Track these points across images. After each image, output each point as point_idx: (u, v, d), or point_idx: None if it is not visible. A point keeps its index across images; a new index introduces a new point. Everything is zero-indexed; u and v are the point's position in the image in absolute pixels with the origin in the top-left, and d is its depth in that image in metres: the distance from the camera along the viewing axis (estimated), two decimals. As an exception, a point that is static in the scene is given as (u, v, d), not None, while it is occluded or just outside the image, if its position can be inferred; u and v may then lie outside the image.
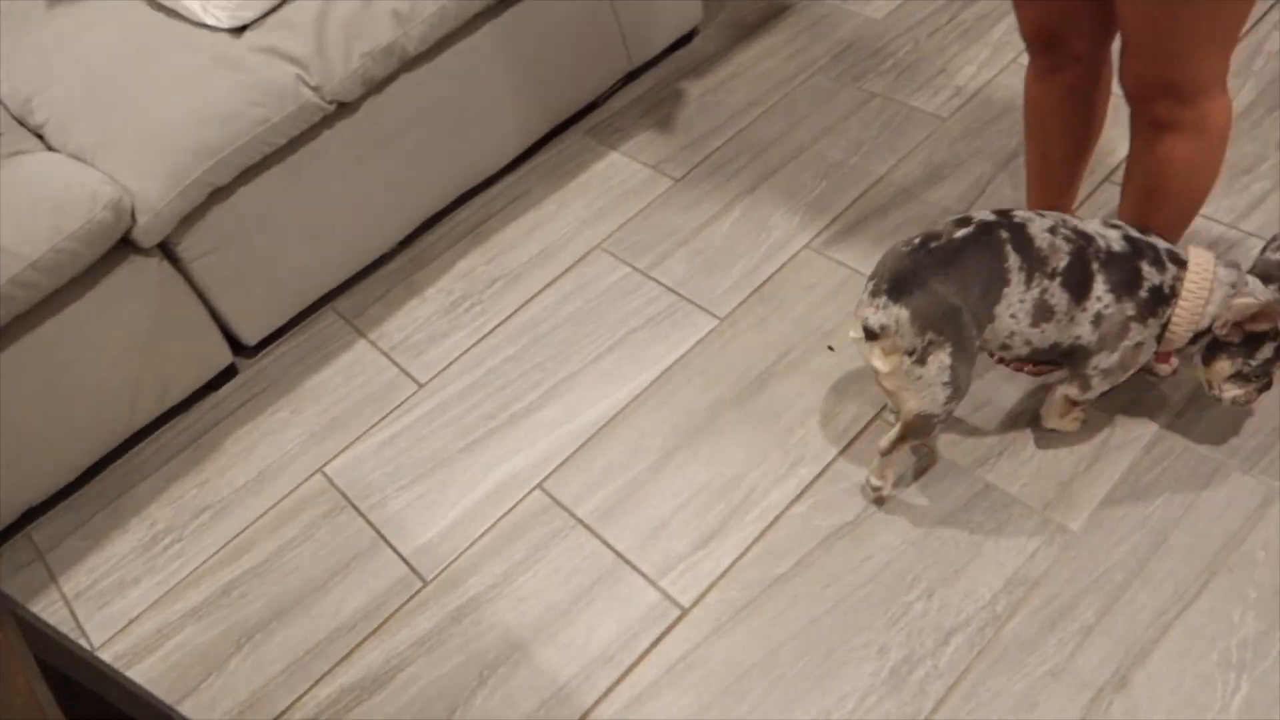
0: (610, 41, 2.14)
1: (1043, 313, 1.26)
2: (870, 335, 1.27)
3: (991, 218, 1.28)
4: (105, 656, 1.57)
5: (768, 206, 1.96)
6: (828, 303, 1.77)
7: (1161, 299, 1.27)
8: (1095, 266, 1.25)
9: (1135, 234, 1.29)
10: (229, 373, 1.91)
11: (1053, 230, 1.26)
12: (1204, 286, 1.26)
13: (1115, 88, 1.39)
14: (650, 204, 2.03)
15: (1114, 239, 1.27)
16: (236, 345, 1.92)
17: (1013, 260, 1.24)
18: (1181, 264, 1.28)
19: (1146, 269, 1.26)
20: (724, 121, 2.15)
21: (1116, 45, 1.30)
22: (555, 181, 2.13)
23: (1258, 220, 1.70)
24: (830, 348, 1.61)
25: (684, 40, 2.36)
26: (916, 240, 1.27)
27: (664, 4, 2.20)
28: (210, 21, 1.72)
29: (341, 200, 1.86)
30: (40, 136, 1.72)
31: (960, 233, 1.25)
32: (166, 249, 1.71)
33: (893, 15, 2.29)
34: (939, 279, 1.22)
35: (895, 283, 1.24)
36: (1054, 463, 1.48)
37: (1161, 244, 1.29)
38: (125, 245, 1.63)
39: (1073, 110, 1.46)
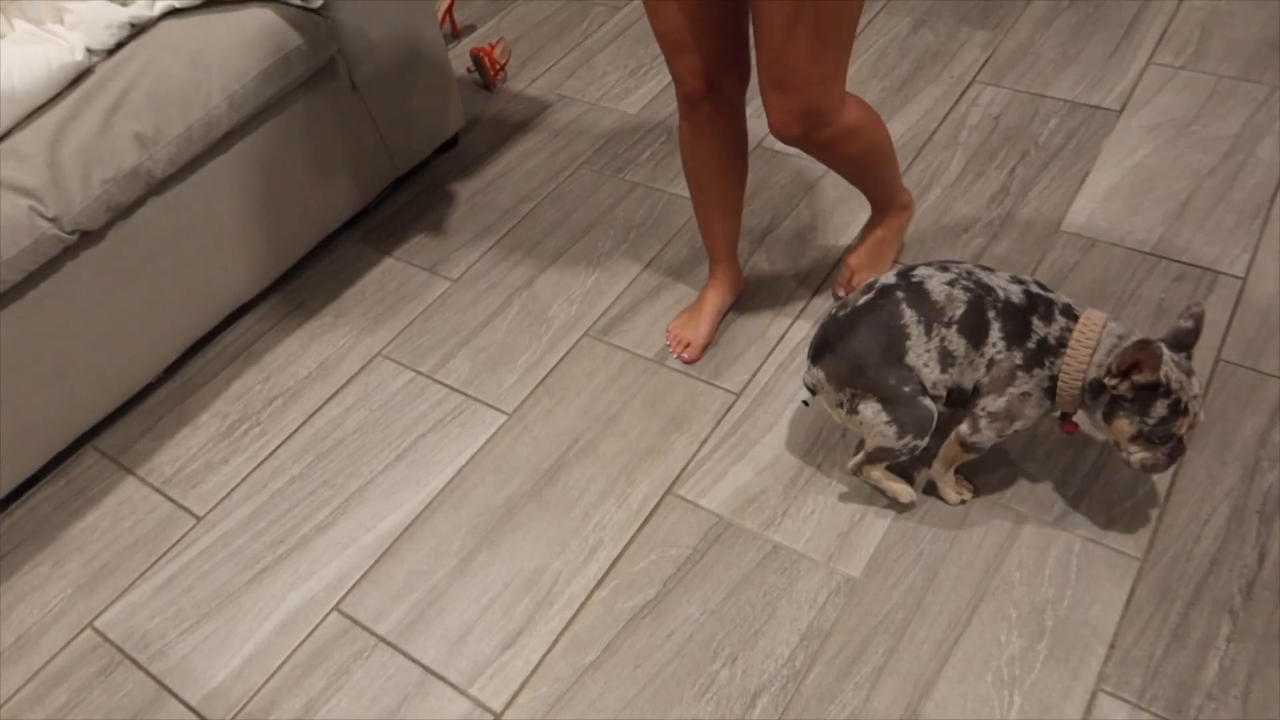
0: (373, 150, 2.16)
1: (946, 358, 1.37)
2: (811, 392, 1.50)
3: (892, 280, 1.41)
4: None
5: (546, 299, 2.00)
6: (610, 386, 1.82)
7: (1048, 350, 1.34)
8: (992, 315, 1.36)
9: (1036, 289, 1.38)
10: (-24, 531, 1.74)
11: (952, 283, 1.38)
12: (1091, 337, 1.32)
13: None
14: (429, 306, 2.03)
15: (1015, 293, 1.37)
16: (-17, 500, 1.75)
17: (909, 316, 1.37)
18: (1073, 317, 1.35)
19: (1036, 322, 1.35)
20: (496, 219, 2.20)
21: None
22: (330, 292, 2.10)
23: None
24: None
25: (450, 144, 2.40)
26: (832, 309, 1.47)
27: (425, 111, 2.24)
28: (-74, 157, 1.61)
29: (94, 332, 1.76)
30: None
31: (863, 299, 1.42)
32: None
33: (646, 109, 2.43)
34: (843, 342, 1.41)
35: (815, 348, 1.47)
36: (833, 516, 1.58)
37: (1060, 299, 1.37)
38: None
39: (730, 152, 1.67)
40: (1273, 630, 1.37)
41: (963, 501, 1.54)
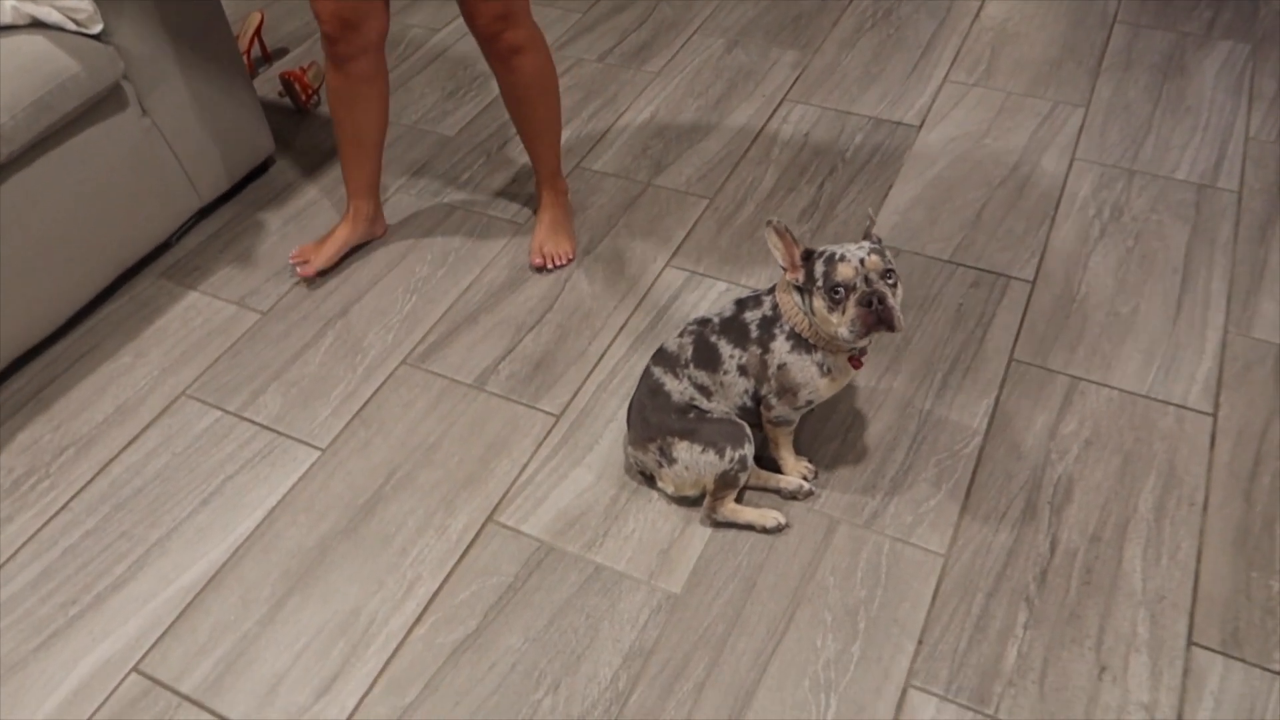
0: (173, 180, 2.05)
1: (704, 390, 1.52)
2: (645, 476, 1.64)
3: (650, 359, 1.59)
4: None
5: (361, 327, 1.94)
6: (429, 415, 1.78)
7: (771, 321, 1.47)
8: (714, 339, 1.51)
9: (745, 295, 1.54)
10: None
11: (681, 334, 1.55)
12: (784, 286, 1.46)
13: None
14: (237, 341, 1.94)
15: (726, 308, 1.53)
16: None
17: (658, 372, 1.55)
18: (772, 289, 1.49)
19: (747, 315, 1.50)
20: (309, 248, 2.12)
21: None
22: (129, 330, 1.97)
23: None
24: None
25: (259, 171, 2.31)
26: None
27: (229, 138, 2.15)
28: None
29: None
30: None
31: (642, 381, 1.59)
32: None
33: (464, 131, 2.40)
34: (630, 414, 1.61)
35: (628, 429, 1.62)
36: (653, 533, 1.58)
37: (763, 292, 1.52)
38: None
39: (370, 94, 1.88)
40: (1064, 615, 1.45)
41: (780, 526, 1.57)
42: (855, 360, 1.49)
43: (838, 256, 1.37)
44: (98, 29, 1.82)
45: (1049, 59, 2.52)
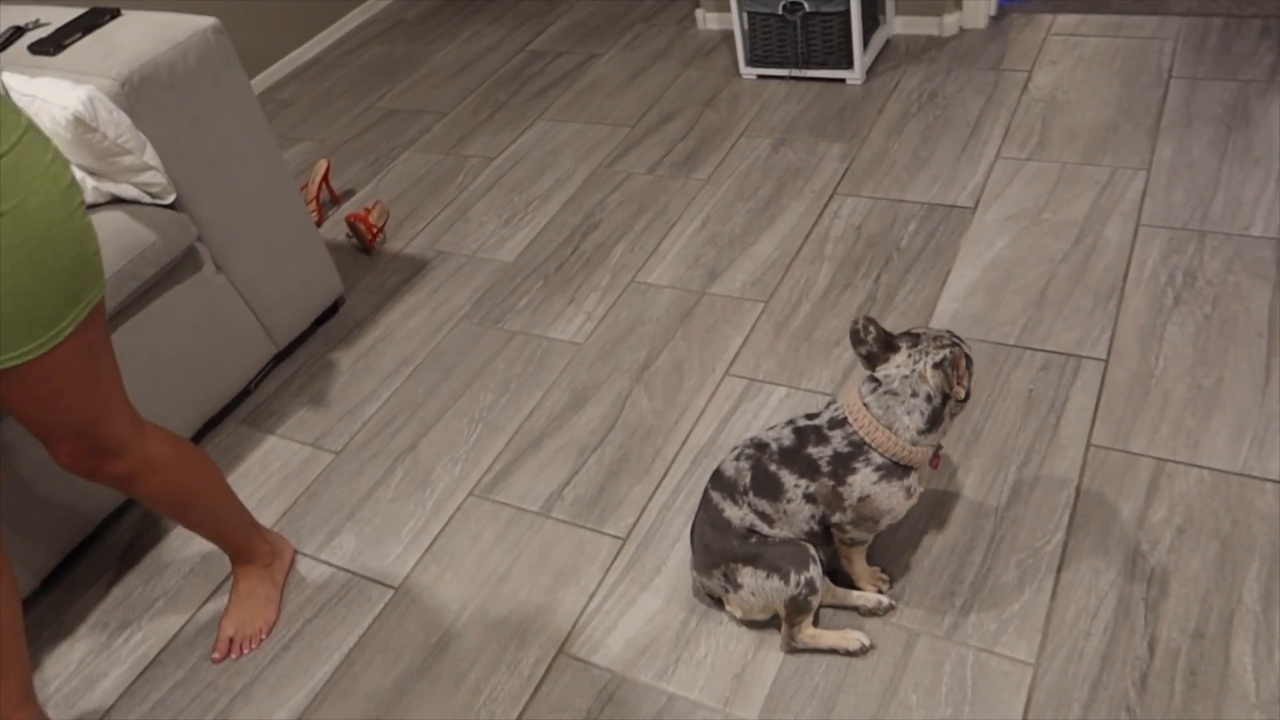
0: (248, 329, 2.15)
1: (765, 518, 1.46)
2: (715, 600, 1.60)
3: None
4: None
5: (429, 461, 1.98)
6: (496, 547, 1.79)
7: (848, 456, 1.40)
8: (774, 467, 1.44)
9: (802, 423, 1.46)
10: None
11: (738, 457, 1.49)
12: (861, 412, 1.38)
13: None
14: (313, 483, 2.00)
15: (785, 436, 1.46)
16: None
17: (716, 498, 1.50)
18: (842, 422, 1.41)
19: (812, 450, 1.42)
20: (378, 385, 2.19)
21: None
22: (212, 479, 2.05)
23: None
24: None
25: (330, 312, 2.41)
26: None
27: (300, 285, 2.25)
28: None
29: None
30: None
31: (701, 506, 1.54)
32: None
33: (522, 256, 2.46)
34: (695, 543, 1.55)
35: (692, 554, 1.59)
36: (726, 657, 1.54)
37: (823, 416, 1.45)
38: None
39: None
40: (1171, 722, 1.35)
41: (864, 649, 1.51)
42: (935, 460, 1.45)
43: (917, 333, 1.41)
44: (171, 198, 1.94)
45: (1104, 123, 2.47)
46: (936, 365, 1.35)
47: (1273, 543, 1.53)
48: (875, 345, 1.39)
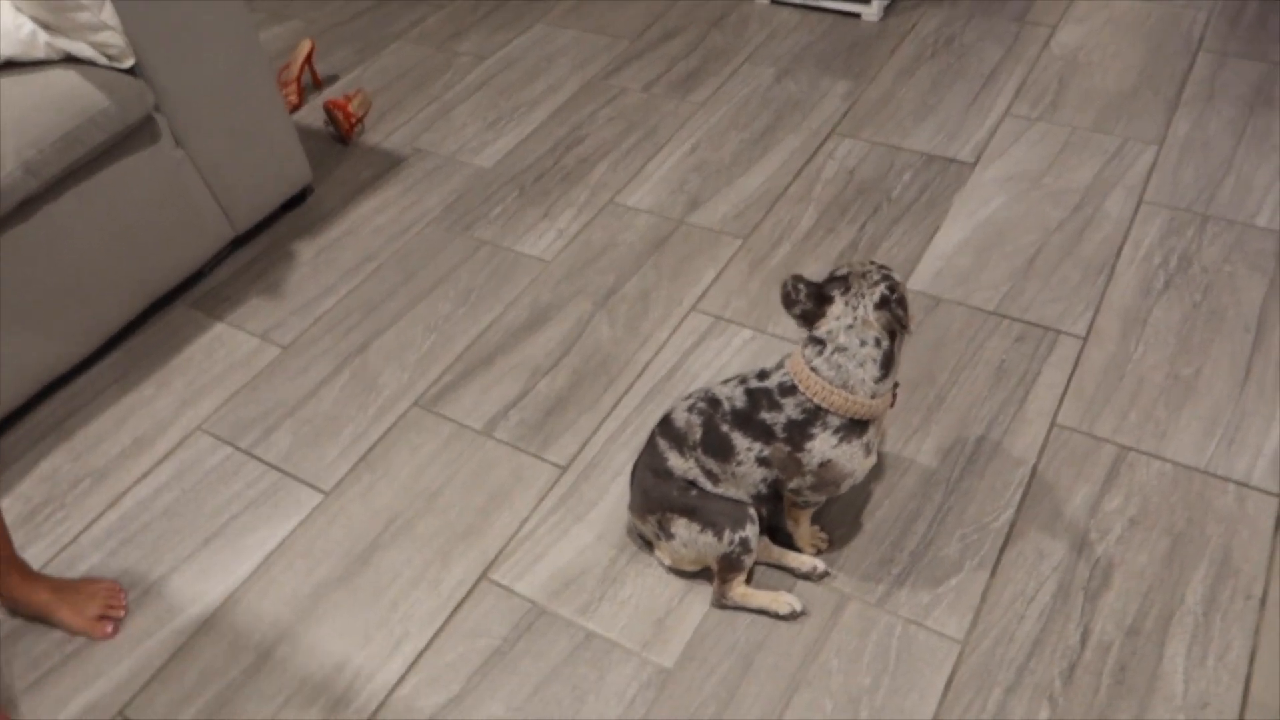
0: (205, 210, 2.06)
1: (711, 475, 1.40)
2: (646, 542, 1.55)
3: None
4: None
5: (377, 366, 1.91)
6: (434, 461, 1.73)
7: (804, 421, 1.32)
8: (725, 428, 1.37)
9: (754, 384, 1.37)
10: None
11: (690, 409, 1.42)
12: (816, 383, 1.30)
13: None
14: (256, 376, 1.93)
15: (738, 397, 1.38)
16: None
17: (663, 444, 1.44)
18: (792, 389, 1.33)
19: (765, 415, 1.34)
20: (336, 280, 2.11)
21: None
22: (154, 362, 1.99)
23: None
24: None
25: (297, 200, 2.31)
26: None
27: (265, 169, 2.15)
28: None
29: None
30: None
31: (645, 450, 1.48)
32: None
33: (501, 164, 2.36)
34: (634, 484, 1.49)
35: (630, 494, 1.52)
36: (650, 600, 1.50)
37: (773, 380, 1.35)
38: None
39: None
40: (1092, 716, 1.32)
41: (794, 614, 1.46)
42: (892, 399, 1.36)
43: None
44: (129, 63, 1.83)
45: (1123, 90, 2.36)
46: (879, 305, 1.27)
47: (1224, 546, 1.48)
48: (809, 302, 1.30)
